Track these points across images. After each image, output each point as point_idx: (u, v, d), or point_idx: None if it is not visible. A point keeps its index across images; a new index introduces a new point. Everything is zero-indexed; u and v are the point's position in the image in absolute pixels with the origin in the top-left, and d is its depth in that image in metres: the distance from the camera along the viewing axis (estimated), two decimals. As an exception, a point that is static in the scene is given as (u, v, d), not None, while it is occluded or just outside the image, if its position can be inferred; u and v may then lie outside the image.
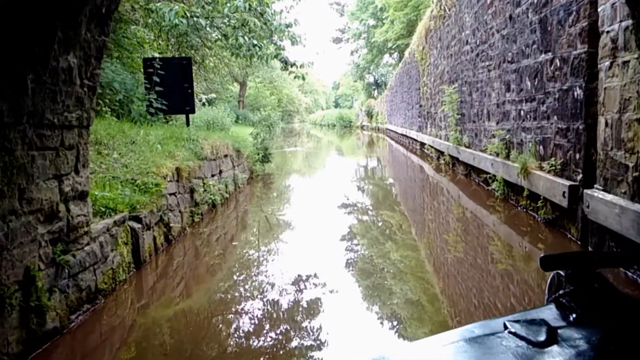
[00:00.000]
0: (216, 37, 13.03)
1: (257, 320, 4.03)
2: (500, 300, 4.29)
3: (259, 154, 13.25)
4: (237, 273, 5.41)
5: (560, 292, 1.59)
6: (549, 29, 6.09)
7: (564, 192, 5.35)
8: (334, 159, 21.93)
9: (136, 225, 4.90)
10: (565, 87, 5.65)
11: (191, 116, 11.40)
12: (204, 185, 7.59)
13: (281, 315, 4.13)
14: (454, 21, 11.94)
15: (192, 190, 7.05)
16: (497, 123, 8.42)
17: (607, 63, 4.58)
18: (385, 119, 36.05)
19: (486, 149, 8.91)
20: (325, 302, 4.31)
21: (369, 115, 45.88)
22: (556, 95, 5.91)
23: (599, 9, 4.79)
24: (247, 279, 5.19)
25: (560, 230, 5.76)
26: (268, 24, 11.29)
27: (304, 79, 13.22)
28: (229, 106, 25.18)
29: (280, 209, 9.16)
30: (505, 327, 1.40)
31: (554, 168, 5.87)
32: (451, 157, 12.31)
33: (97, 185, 4.96)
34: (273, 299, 4.46)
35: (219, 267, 5.57)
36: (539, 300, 4.02)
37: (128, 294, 4.49)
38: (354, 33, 50.25)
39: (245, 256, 6.08)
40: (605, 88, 4.63)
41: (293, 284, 4.80)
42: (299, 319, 4.02)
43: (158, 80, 9.37)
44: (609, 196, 4.43)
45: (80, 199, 3.74)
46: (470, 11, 10.17)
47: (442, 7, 13.19)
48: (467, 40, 10.53)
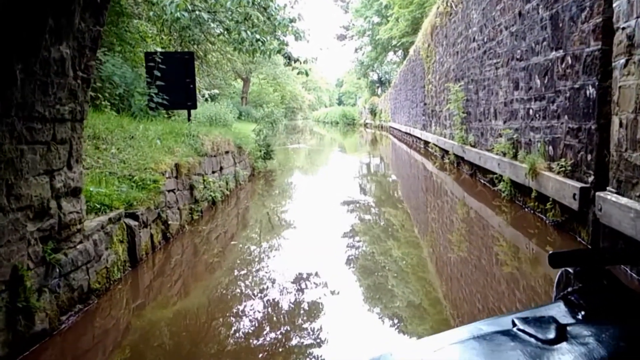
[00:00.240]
0: (219, 32, 12.85)
1: (257, 322, 3.92)
2: (506, 306, 4.16)
3: (261, 151, 13.10)
4: (237, 271, 5.28)
5: (569, 290, 1.57)
6: (560, 25, 5.92)
7: (574, 194, 5.18)
8: (336, 157, 21.78)
9: (133, 222, 4.76)
10: (577, 86, 5.48)
11: (194, 112, 11.26)
12: (204, 182, 7.44)
13: (282, 317, 4.01)
14: (460, 18, 11.75)
15: (192, 187, 6.90)
16: (505, 122, 8.24)
17: (622, 61, 4.40)
18: (388, 116, 35.85)
19: (493, 148, 8.74)
20: (326, 304, 4.20)
21: (373, 113, 45.65)
22: (567, 94, 5.74)
23: (614, 5, 4.60)
24: (247, 277, 5.07)
25: (569, 233, 5.60)
26: (272, 18, 11.10)
27: (307, 74, 13.07)
28: (232, 102, 25.09)
29: (282, 206, 9.02)
30: (514, 324, 1.37)
31: (564, 169, 5.70)
32: (456, 156, 12.13)
33: (93, 180, 4.81)
34: (273, 299, 4.34)
35: (218, 266, 5.44)
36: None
37: (123, 293, 4.36)
38: (358, 30, 49.92)
39: (245, 254, 5.95)
40: (619, 87, 4.46)
41: (294, 283, 4.70)
42: (299, 321, 3.91)
43: (159, 74, 9.21)
44: (623, 199, 4.26)
45: (73, 196, 3.59)
46: (478, 8, 9.98)
47: (449, 4, 12.99)
48: (474, 38, 10.34)
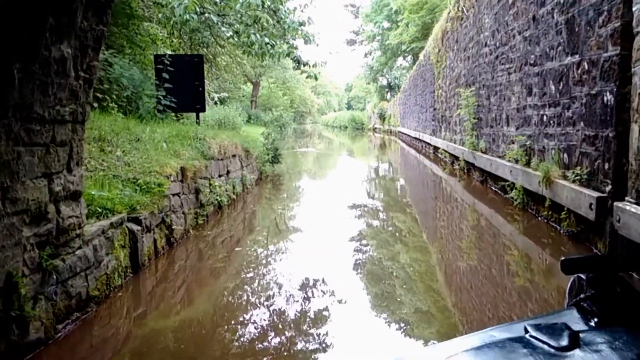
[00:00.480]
0: (228, 35, 12.79)
1: (263, 330, 3.81)
2: (518, 317, 4.01)
3: (268, 155, 12.99)
4: (242, 278, 5.16)
5: (582, 296, 1.56)
6: (576, 29, 5.75)
7: (590, 204, 5.00)
8: (345, 161, 21.64)
9: (135, 227, 4.65)
10: (593, 92, 5.31)
11: (203, 115, 11.21)
12: (210, 186, 7.33)
13: (288, 326, 3.89)
14: (472, 23, 11.59)
15: (198, 191, 6.79)
16: (517, 128, 8.06)
17: (643, 66, 4.24)
18: (397, 121, 35.67)
19: (504, 155, 8.56)
20: (335, 314, 4.08)
21: (382, 117, 45.50)
22: (583, 100, 5.57)
23: (634, 8, 4.44)
24: (253, 284, 4.96)
25: (585, 244, 5.41)
26: (281, 22, 11.01)
27: (316, 78, 12.97)
28: (241, 106, 25.06)
29: (288, 211, 8.89)
30: (526, 331, 1.36)
31: (579, 178, 5.52)
32: (466, 163, 11.95)
33: (96, 183, 4.72)
34: (279, 308, 4.22)
35: (223, 271, 5.33)
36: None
37: (124, 300, 4.24)
38: (368, 35, 49.82)
39: (251, 260, 5.82)
40: (639, 93, 4.30)
41: (300, 290, 4.59)
42: (306, 330, 3.79)
43: (167, 77, 9.14)
44: (643, 210, 4.09)
45: (72, 199, 3.48)
46: (490, 12, 9.82)
47: (460, 9, 12.83)
48: (486, 42, 10.18)
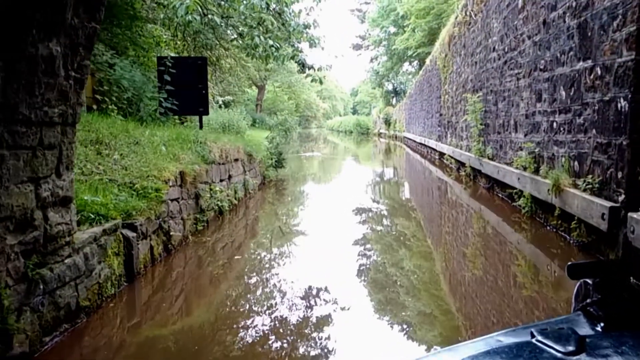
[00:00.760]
0: (232, 37, 12.65)
1: (264, 341, 3.65)
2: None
3: (272, 159, 12.83)
4: (243, 286, 5.00)
5: (588, 301, 1.54)
6: (589, 34, 5.57)
7: (602, 214, 4.81)
8: (350, 166, 21.46)
9: (130, 233, 4.49)
10: (606, 98, 5.12)
11: (207, 118, 11.06)
12: (210, 191, 7.17)
13: (290, 336, 3.73)
14: (480, 27, 11.41)
15: (197, 196, 6.64)
16: (526, 135, 7.87)
17: (661, 71, 4.06)
18: (403, 127, 35.48)
19: (512, 162, 8.36)
20: (338, 322, 3.94)
21: (387, 122, 45.32)
22: (596, 107, 5.38)
23: (651, 12, 4.28)
24: (254, 292, 4.79)
25: (596, 255, 5.22)
26: (286, 24, 10.86)
27: (321, 82, 12.80)
28: (246, 109, 24.94)
29: (291, 217, 8.72)
30: (532, 336, 1.35)
31: (590, 186, 5.33)
32: (472, 169, 11.75)
33: (91, 188, 4.57)
34: (282, 316, 4.06)
35: (223, 279, 5.17)
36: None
37: (117, 310, 4.07)
38: (374, 40, 49.72)
39: (252, 267, 5.66)
40: (656, 99, 4.12)
41: (303, 299, 4.44)
42: (309, 339, 3.65)
43: (169, 78, 8.99)
44: (660, 222, 3.90)
45: (61, 205, 3.33)
46: (499, 17, 9.65)
47: (468, 13, 12.66)
48: (494, 47, 10.00)
